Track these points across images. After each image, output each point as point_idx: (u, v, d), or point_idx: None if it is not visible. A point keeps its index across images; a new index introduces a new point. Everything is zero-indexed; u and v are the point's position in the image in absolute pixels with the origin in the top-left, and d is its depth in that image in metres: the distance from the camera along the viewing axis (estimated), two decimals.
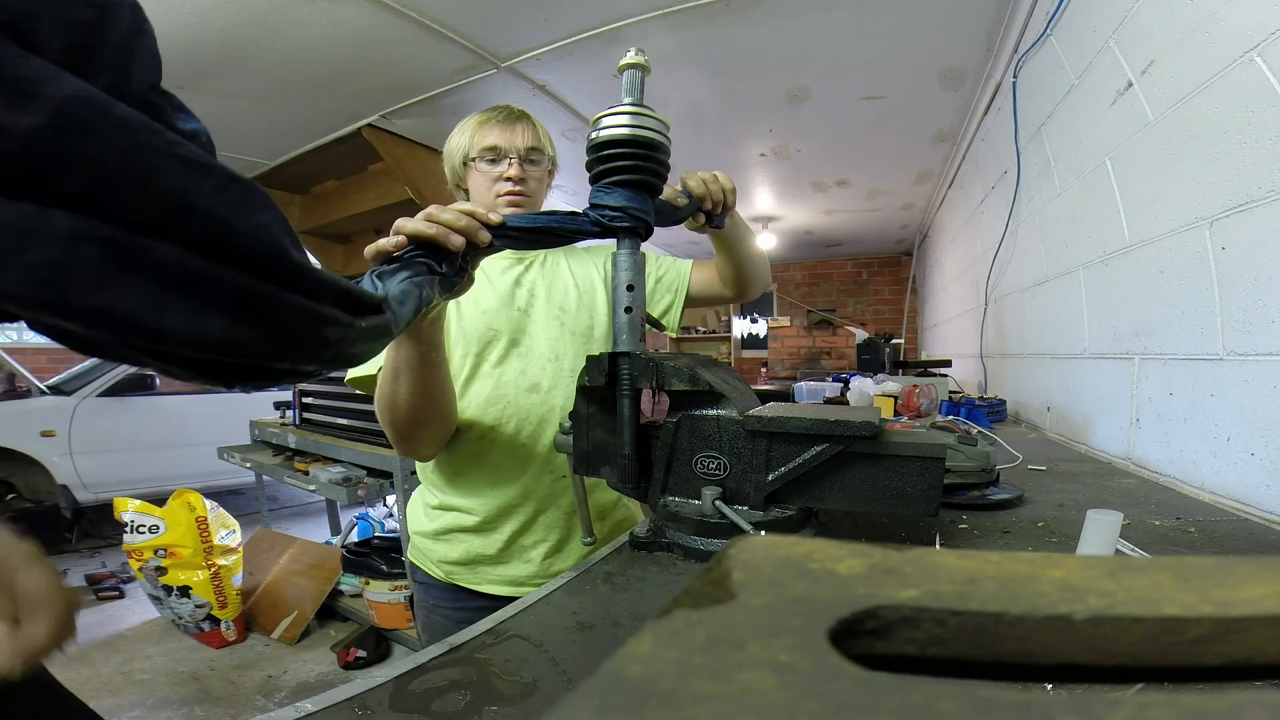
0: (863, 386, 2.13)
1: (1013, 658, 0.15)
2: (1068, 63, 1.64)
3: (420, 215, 0.65)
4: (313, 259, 3.59)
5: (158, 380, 4.26)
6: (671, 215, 0.81)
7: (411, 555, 1.11)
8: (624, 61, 0.72)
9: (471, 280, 0.70)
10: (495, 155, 1.03)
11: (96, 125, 0.27)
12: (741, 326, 7.19)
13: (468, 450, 1.00)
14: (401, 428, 0.89)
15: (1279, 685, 0.16)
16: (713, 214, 0.90)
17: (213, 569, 2.59)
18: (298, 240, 0.37)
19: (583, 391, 0.74)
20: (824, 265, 6.80)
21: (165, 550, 2.54)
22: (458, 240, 0.64)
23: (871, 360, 3.57)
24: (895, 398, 2.04)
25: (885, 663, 0.15)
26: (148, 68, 0.33)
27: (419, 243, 0.63)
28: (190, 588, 2.55)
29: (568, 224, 0.70)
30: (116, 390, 4.03)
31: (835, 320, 6.67)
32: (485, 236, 0.66)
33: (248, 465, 3.12)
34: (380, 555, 2.66)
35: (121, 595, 3.13)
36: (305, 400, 3.07)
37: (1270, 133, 0.90)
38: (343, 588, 2.79)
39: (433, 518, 1.06)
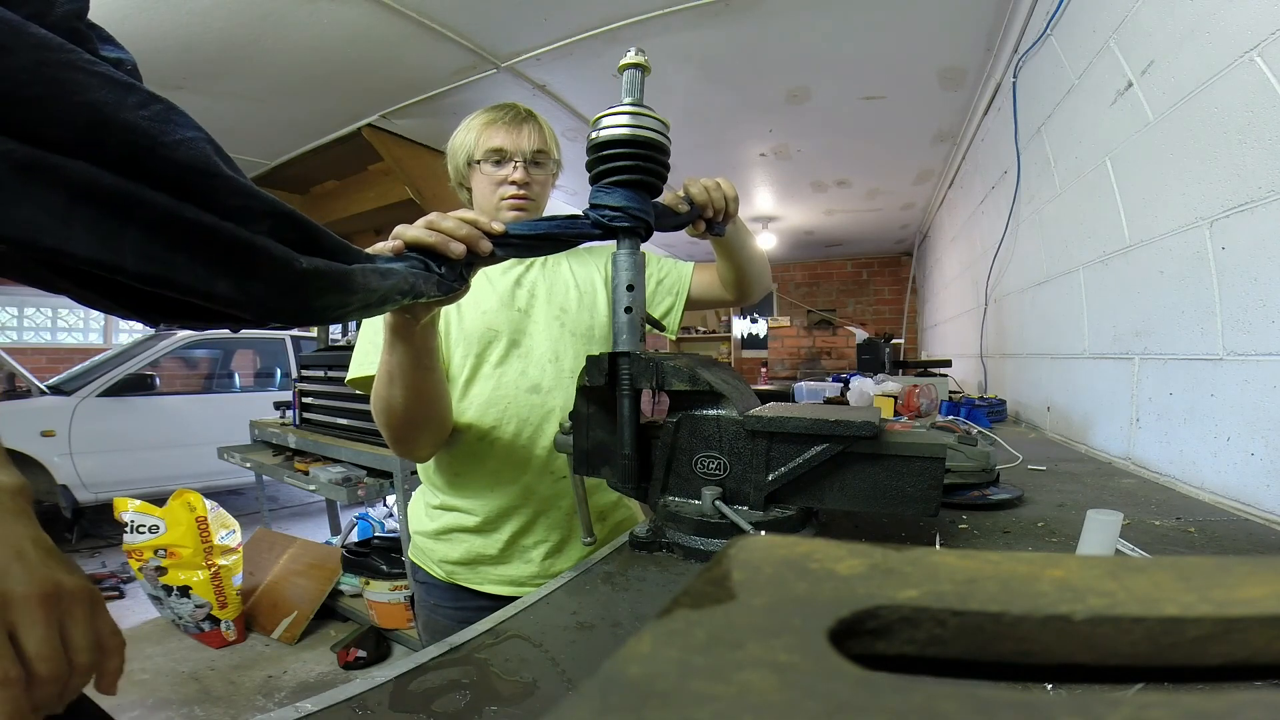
0: (863, 386, 2.13)
1: (1013, 658, 0.15)
2: (1068, 62, 1.64)
3: (421, 222, 0.64)
4: None
5: (158, 380, 4.26)
6: (673, 221, 0.81)
7: (412, 555, 1.11)
8: (624, 61, 0.72)
9: (468, 287, 0.70)
10: (500, 157, 1.02)
11: (10, 42, 0.27)
12: (741, 326, 7.19)
13: (468, 451, 1.00)
14: (397, 430, 0.90)
15: (1279, 685, 0.16)
16: (714, 221, 0.89)
17: (213, 569, 2.59)
18: (232, 163, 0.36)
19: (583, 391, 0.74)
20: (824, 265, 6.81)
21: (165, 550, 2.54)
22: (458, 248, 0.63)
23: (871, 360, 3.57)
24: (895, 398, 2.04)
25: (885, 663, 0.15)
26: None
27: (419, 250, 0.63)
28: (190, 588, 2.55)
29: (569, 228, 0.70)
30: (116, 390, 4.03)
31: (835, 320, 6.67)
32: (486, 246, 0.65)
33: (248, 465, 3.12)
34: (380, 555, 2.65)
35: (121, 595, 3.13)
36: (305, 400, 3.07)
37: (1270, 133, 0.89)
38: (343, 588, 2.78)
39: (434, 517, 1.06)
